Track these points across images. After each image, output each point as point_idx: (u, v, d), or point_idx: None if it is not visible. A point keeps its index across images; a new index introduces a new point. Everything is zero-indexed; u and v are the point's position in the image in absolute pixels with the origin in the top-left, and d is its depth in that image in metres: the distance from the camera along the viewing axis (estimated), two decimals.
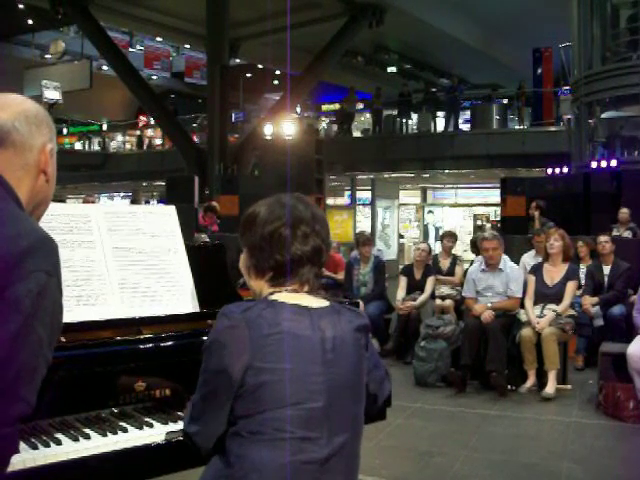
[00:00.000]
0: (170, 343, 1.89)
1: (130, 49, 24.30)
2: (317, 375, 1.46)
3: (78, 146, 26.91)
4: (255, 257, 1.58)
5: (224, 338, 1.45)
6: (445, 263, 7.25)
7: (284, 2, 13.77)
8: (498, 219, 16.75)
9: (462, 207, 24.38)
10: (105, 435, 1.66)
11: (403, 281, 6.83)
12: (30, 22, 22.34)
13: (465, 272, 6.79)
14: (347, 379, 1.51)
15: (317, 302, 1.56)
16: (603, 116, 13.27)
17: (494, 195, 18.17)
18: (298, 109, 21.77)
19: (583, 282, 6.32)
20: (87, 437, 1.63)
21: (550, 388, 5.13)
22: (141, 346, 1.87)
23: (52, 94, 8.41)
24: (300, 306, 1.52)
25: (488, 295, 5.65)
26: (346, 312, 1.58)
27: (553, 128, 17.56)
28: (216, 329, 1.48)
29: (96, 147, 26.52)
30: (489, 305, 5.54)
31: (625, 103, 12.68)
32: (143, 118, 26.88)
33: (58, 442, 1.58)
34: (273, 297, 1.53)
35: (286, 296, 1.53)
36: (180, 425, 1.65)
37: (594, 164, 11.15)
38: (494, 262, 5.62)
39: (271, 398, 1.42)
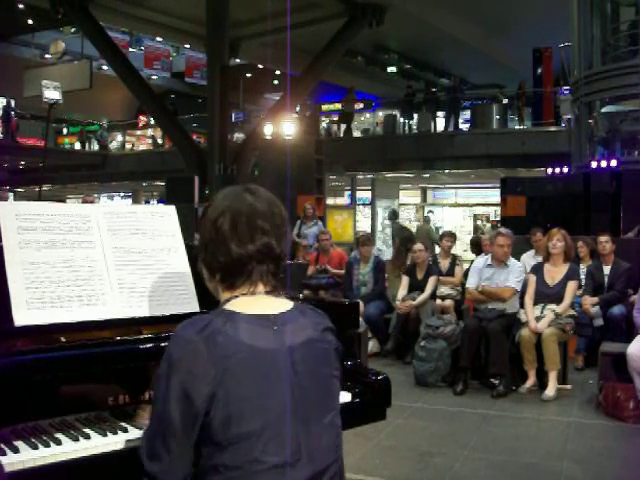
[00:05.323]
0: None
1: (130, 49, 24.28)
2: (287, 393, 1.38)
3: (78, 146, 26.89)
4: (203, 255, 1.50)
5: (183, 364, 1.33)
6: (445, 263, 7.25)
7: (284, 2, 13.75)
8: (498, 219, 16.75)
9: (462, 207, 24.39)
10: (105, 435, 1.65)
11: (405, 280, 6.83)
12: (30, 22, 22.32)
13: (465, 272, 6.81)
14: (319, 389, 1.44)
15: (279, 305, 1.48)
16: (603, 110, 13.26)
17: (494, 195, 18.17)
18: (298, 109, 21.76)
19: (583, 282, 6.33)
20: (87, 437, 1.63)
21: (550, 390, 5.14)
22: (141, 346, 1.86)
23: (52, 94, 8.41)
24: (261, 316, 1.42)
25: None
26: (311, 313, 1.51)
27: (553, 128, 17.56)
28: (173, 353, 1.35)
29: (96, 147, 26.48)
30: (480, 288, 5.60)
31: (625, 98, 12.67)
32: (143, 118, 26.86)
33: (58, 442, 1.58)
34: (230, 307, 1.44)
35: (244, 302, 1.44)
36: None
37: (594, 164, 11.14)
38: (504, 258, 5.67)
39: (241, 428, 1.32)
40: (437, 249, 7.54)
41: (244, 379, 1.34)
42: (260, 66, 23.86)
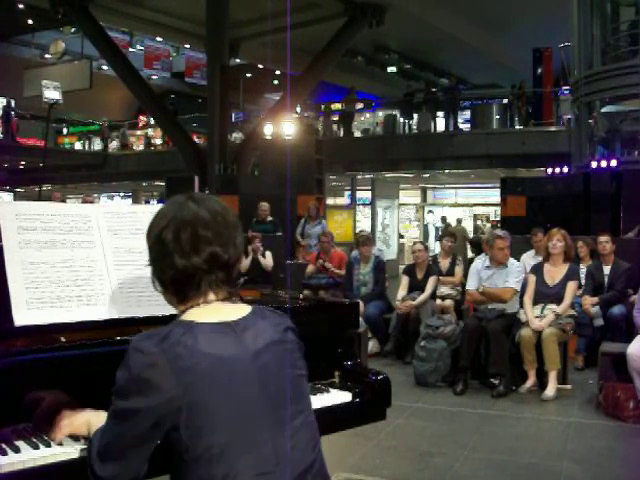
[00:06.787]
0: None
1: (130, 49, 24.26)
2: (256, 399, 1.36)
3: (78, 146, 26.90)
4: (153, 269, 1.47)
5: (144, 377, 1.29)
6: (445, 263, 7.25)
7: (284, 2, 13.76)
8: (498, 219, 16.75)
9: (462, 207, 24.41)
10: None
11: (405, 280, 6.84)
12: (30, 22, 22.32)
13: (465, 272, 6.81)
14: (287, 390, 1.41)
15: (237, 311, 1.45)
16: (603, 110, 13.26)
17: (494, 195, 18.18)
18: (298, 109, 21.76)
19: (583, 282, 6.33)
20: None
21: (550, 390, 5.14)
22: None
23: (52, 94, 8.42)
24: (221, 323, 1.39)
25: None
26: (271, 315, 1.49)
27: (553, 128, 17.56)
28: (132, 366, 1.30)
29: (97, 147, 26.48)
30: (481, 289, 5.60)
31: (625, 98, 12.68)
32: (143, 118, 26.86)
33: (59, 442, 1.58)
34: (188, 317, 1.40)
35: (201, 312, 1.41)
36: None
37: (594, 164, 11.13)
38: (505, 260, 5.67)
39: (212, 440, 1.29)
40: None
41: (210, 390, 1.31)
42: (260, 66, 23.86)
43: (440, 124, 19.41)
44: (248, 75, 25.55)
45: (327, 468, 1.48)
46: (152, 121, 22.84)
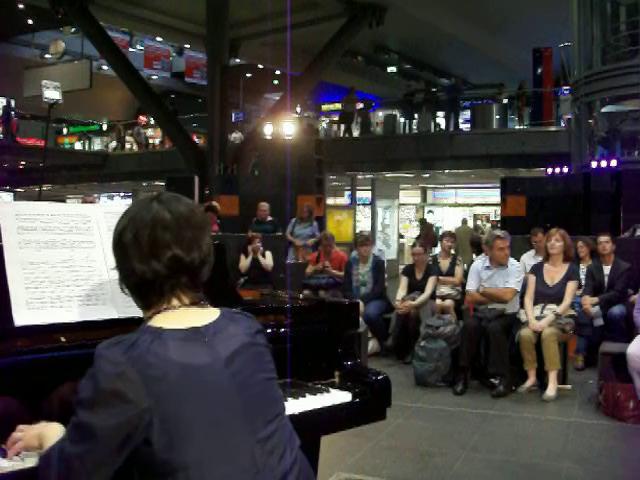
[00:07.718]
0: None
1: (130, 49, 24.24)
2: (231, 407, 1.32)
3: (78, 146, 26.90)
4: (117, 272, 1.42)
5: (112, 388, 1.22)
6: (445, 263, 7.26)
7: (284, 2, 13.78)
8: (498, 219, 16.75)
9: (462, 207, 24.41)
10: None
11: (404, 281, 6.84)
12: (30, 22, 22.33)
13: (465, 272, 6.81)
14: (261, 395, 1.38)
15: (206, 315, 1.40)
16: (603, 110, 13.27)
17: (494, 195, 18.18)
18: (298, 109, 21.75)
19: (583, 282, 6.33)
20: None
21: (551, 390, 5.14)
22: None
23: (52, 94, 8.42)
24: (190, 329, 1.34)
25: None
26: (240, 318, 1.45)
27: (553, 128, 17.56)
28: (98, 376, 1.24)
29: (96, 147, 26.49)
30: (481, 290, 5.60)
31: (625, 98, 12.70)
32: (143, 118, 26.87)
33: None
34: (155, 323, 1.35)
35: (169, 317, 1.36)
36: None
37: (594, 164, 11.14)
38: (505, 261, 5.67)
39: (188, 452, 1.24)
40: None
41: (182, 400, 1.26)
42: (260, 66, 23.87)
43: (440, 124, 19.42)
44: (248, 75, 25.56)
45: (309, 465, 1.46)
46: (152, 121, 22.84)
